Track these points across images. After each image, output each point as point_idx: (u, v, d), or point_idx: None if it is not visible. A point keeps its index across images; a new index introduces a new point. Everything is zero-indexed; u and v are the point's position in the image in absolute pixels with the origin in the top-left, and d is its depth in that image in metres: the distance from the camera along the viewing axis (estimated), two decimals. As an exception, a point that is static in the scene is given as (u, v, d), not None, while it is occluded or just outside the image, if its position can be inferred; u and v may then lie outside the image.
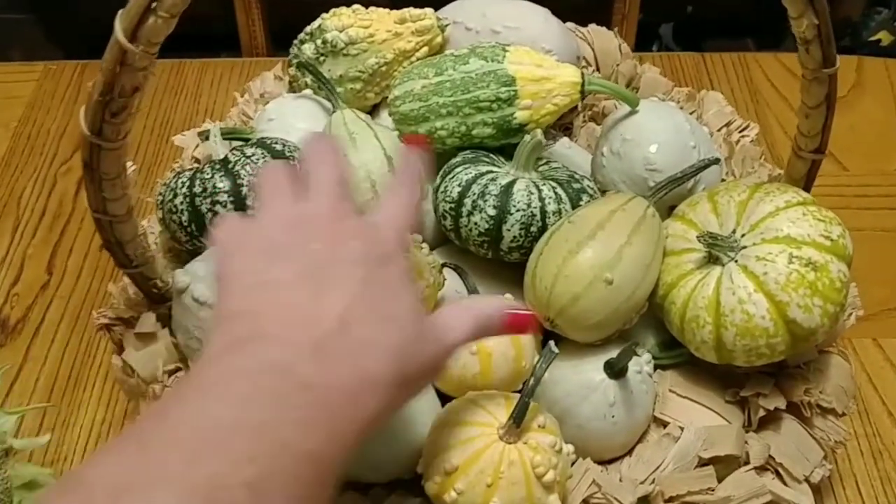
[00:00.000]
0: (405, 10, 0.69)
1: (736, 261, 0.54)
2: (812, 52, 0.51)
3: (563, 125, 0.76)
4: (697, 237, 0.55)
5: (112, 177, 0.50)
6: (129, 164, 0.52)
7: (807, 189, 0.60)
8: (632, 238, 0.55)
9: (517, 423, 0.50)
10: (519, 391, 0.54)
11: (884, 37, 2.01)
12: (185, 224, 0.59)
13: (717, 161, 0.60)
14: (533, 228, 0.59)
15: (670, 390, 0.58)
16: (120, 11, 0.44)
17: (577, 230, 0.55)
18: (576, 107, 0.76)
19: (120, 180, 0.51)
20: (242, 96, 0.77)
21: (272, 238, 0.42)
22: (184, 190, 0.59)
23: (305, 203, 0.44)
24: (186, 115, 0.94)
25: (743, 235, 0.55)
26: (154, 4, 0.43)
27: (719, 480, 0.54)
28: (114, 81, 0.45)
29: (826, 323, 0.53)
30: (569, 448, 0.52)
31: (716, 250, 0.55)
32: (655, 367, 0.59)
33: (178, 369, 0.58)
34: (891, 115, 0.92)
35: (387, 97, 0.69)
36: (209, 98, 0.95)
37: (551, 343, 0.52)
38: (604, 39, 0.76)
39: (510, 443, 0.50)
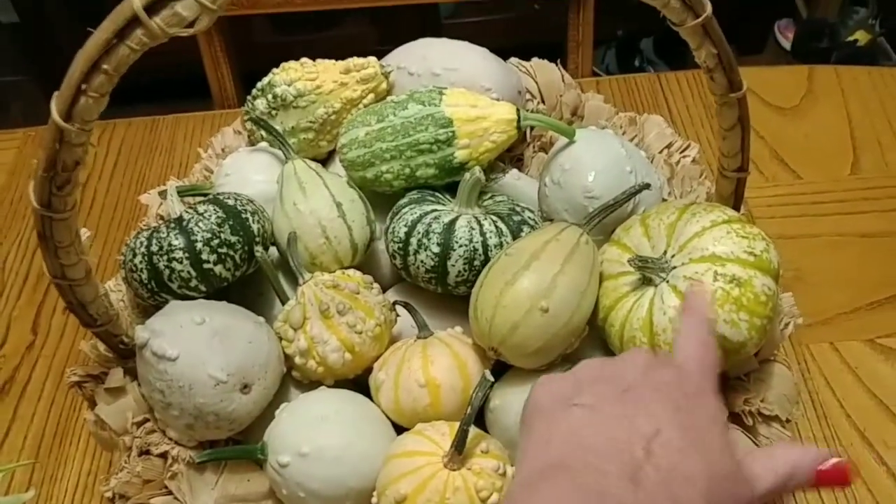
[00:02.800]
0: (349, 60, 0.72)
1: (667, 281, 0.56)
2: (717, 78, 0.53)
3: (514, 156, 0.79)
4: (628, 261, 0.57)
5: (66, 244, 0.53)
6: (82, 230, 0.55)
7: (736, 205, 0.62)
8: (565, 267, 0.57)
9: (458, 450, 0.52)
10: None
11: (861, 36, 2.03)
12: (146, 282, 0.62)
13: (647, 186, 0.62)
14: (476, 262, 0.61)
15: (618, 409, 0.60)
16: (54, 94, 0.47)
17: (513, 262, 0.58)
18: (525, 138, 0.79)
19: (74, 247, 0.54)
20: (206, 151, 0.80)
21: (582, 375, 0.45)
22: (142, 249, 0.62)
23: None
24: (161, 170, 0.97)
25: (673, 256, 0.57)
26: (84, 86, 0.46)
27: (667, 494, 0.56)
28: (55, 158, 0.48)
29: (755, 336, 0.55)
30: (514, 470, 0.54)
31: (647, 272, 0.57)
32: (604, 388, 0.61)
33: (145, 420, 0.61)
34: (842, 121, 0.94)
35: (339, 144, 0.72)
36: (182, 152, 0.98)
37: (486, 372, 0.54)
38: (546, 72, 0.79)
39: (454, 469, 0.52)
